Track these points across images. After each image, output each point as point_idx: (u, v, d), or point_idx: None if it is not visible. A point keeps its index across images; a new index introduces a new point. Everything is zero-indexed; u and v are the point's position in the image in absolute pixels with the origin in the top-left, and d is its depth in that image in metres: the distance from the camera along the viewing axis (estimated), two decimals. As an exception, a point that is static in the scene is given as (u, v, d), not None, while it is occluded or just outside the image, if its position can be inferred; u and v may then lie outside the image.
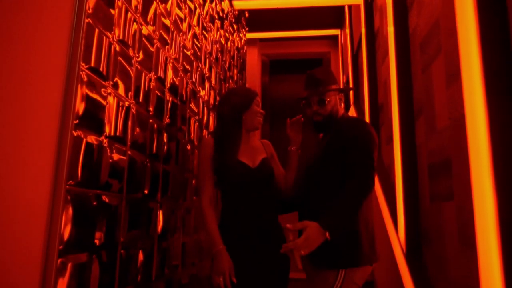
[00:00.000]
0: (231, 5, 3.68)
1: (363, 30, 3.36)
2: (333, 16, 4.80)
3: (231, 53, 3.70)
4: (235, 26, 3.94)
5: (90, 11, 1.27)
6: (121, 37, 1.48)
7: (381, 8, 3.00)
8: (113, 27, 1.42)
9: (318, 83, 1.76)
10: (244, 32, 4.53)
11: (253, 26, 4.65)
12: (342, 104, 1.91)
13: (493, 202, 1.21)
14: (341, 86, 5.35)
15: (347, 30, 4.78)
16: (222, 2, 3.35)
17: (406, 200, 2.05)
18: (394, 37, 2.19)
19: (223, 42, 3.34)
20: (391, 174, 2.60)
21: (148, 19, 1.74)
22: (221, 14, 3.29)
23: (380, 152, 2.94)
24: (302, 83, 1.86)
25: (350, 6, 4.27)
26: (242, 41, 4.41)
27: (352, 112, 4.03)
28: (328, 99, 1.75)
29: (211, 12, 2.95)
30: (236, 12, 3.92)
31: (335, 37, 5.52)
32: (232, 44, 3.73)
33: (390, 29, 2.22)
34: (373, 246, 1.62)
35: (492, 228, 1.19)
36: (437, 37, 1.77)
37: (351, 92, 4.46)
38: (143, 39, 1.68)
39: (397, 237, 2.17)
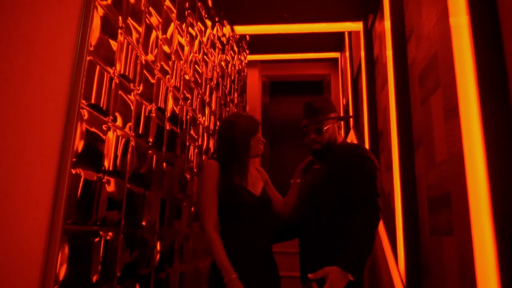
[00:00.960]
0: (233, 30, 3.73)
1: (362, 57, 3.40)
2: (333, 40, 4.85)
3: (232, 77, 3.73)
4: (236, 49, 3.99)
5: (91, 49, 1.28)
6: (122, 72, 1.49)
7: (380, 36, 3.04)
8: (115, 62, 1.44)
9: (316, 112, 1.80)
10: (245, 55, 4.58)
11: (254, 49, 4.70)
12: (341, 132, 1.93)
13: (492, 239, 1.20)
14: (341, 109, 5.42)
15: (347, 53, 4.83)
16: (224, 28, 3.39)
17: (406, 231, 2.04)
18: (393, 68, 2.21)
19: (223, 65, 3.37)
20: (391, 202, 2.59)
21: (149, 50, 1.76)
22: (222, 39, 3.33)
23: (381, 178, 2.93)
24: (302, 111, 1.89)
25: (350, 32, 4.32)
26: (243, 63, 4.46)
27: (352, 136, 4.04)
28: (325, 128, 1.78)
29: (212, 38, 2.99)
30: (238, 37, 3.97)
31: (335, 60, 5.57)
32: (233, 68, 3.77)
33: (389, 60, 2.24)
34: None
35: (492, 265, 1.19)
36: (436, 72, 1.79)
37: (351, 113, 4.48)
38: (144, 70, 1.69)
39: (397, 269, 2.14)
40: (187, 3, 2.33)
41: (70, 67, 1.21)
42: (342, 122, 1.93)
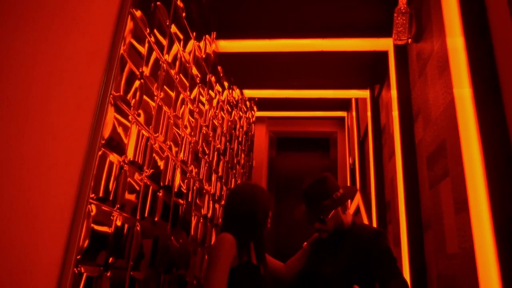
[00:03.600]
0: (242, 93, 3.81)
1: (369, 124, 3.43)
2: (340, 100, 4.93)
3: (240, 138, 3.77)
4: (245, 109, 4.06)
5: (103, 142, 1.30)
6: (132, 158, 1.51)
7: (387, 105, 3.08)
8: (125, 151, 1.46)
9: (316, 201, 1.79)
10: (253, 113, 4.65)
11: (262, 106, 4.79)
12: (348, 211, 1.90)
13: None
14: (347, 169, 5.40)
15: (354, 113, 4.89)
16: (233, 92, 3.47)
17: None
18: (401, 148, 2.22)
19: (231, 128, 3.41)
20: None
21: (159, 130, 1.79)
22: (231, 102, 3.39)
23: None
24: (301, 195, 1.89)
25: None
26: (251, 121, 4.52)
27: (358, 200, 3.99)
28: (329, 217, 1.77)
29: (222, 104, 3.05)
30: (246, 99, 4.05)
31: (341, 118, 5.63)
32: (240, 129, 3.81)
33: (397, 139, 2.25)
34: None
35: None
36: (445, 160, 1.78)
37: (357, 173, 4.45)
38: (154, 154, 1.71)
39: None
40: (198, 78, 2.40)
41: (81, 162, 1.22)
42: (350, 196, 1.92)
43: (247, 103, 4.21)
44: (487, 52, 1.46)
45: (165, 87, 1.86)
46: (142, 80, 1.59)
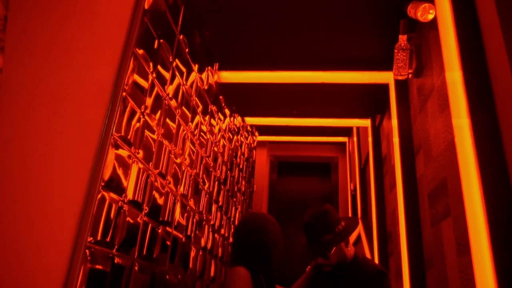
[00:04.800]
0: (243, 120, 3.83)
1: (370, 153, 3.42)
2: (341, 126, 4.94)
3: (241, 166, 3.77)
4: (246, 135, 4.07)
5: (103, 184, 1.30)
6: (131, 198, 1.50)
7: (388, 136, 3.08)
8: (125, 191, 1.45)
9: (317, 237, 1.77)
10: (254, 138, 4.66)
11: (263, 131, 4.81)
12: (349, 245, 1.88)
13: None
14: (349, 194, 5.37)
15: (355, 139, 4.90)
16: (235, 119, 3.48)
17: None
18: (402, 181, 2.21)
19: (232, 155, 3.41)
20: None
21: (160, 167, 1.79)
22: (233, 130, 3.40)
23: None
24: (302, 229, 1.88)
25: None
26: (252, 146, 4.52)
27: (359, 227, 3.95)
28: (331, 252, 1.75)
29: (223, 133, 3.06)
30: (248, 126, 4.07)
31: (343, 144, 5.64)
32: (242, 156, 3.81)
33: (398, 174, 2.24)
34: None
35: None
36: (446, 199, 1.77)
37: (359, 201, 4.42)
38: (154, 191, 1.71)
39: None
40: (199, 109, 2.41)
41: (81, 202, 1.21)
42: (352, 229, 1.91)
43: (249, 128, 4.23)
44: (485, 88, 1.47)
45: (167, 120, 1.87)
46: (143, 118, 1.60)
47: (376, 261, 2.98)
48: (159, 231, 1.78)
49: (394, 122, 2.47)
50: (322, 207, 1.83)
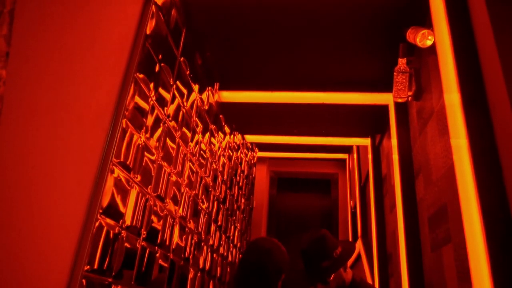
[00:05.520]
0: (243, 138, 3.83)
1: (370, 172, 3.41)
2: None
3: (240, 183, 3.75)
4: (246, 152, 4.07)
5: (101, 211, 1.29)
6: (129, 223, 1.49)
7: (387, 155, 3.08)
8: (124, 216, 1.44)
9: (315, 264, 1.76)
10: (254, 155, 4.66)
11: (263, 147, 4.81)
12: (347, 269, 1.87)
13: None
14: (349, 211, 5.35)
15: (355, 155, 4.89)
16: (235, 137, 3.49)
17: None
18: (402, 204, 2.20)
19: (231, 173, 3.40)
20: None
21: (159, 190, 1.79)
22: (232, 148, 3.40)
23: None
24: (299, 254, 1.87)
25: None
26: (252, 162, 4.51)
27: (359, 247, 3.92)
28: (330, 279, 1.74)
29: (223, 152, 3.06)
30: (248, 143, 4.07)
31: (343, 160, 5.63)
32: (241, 174, 3.80)
33: (399, 199, 2.23)
34: None
35: None
36: (446, 225, 1.76)
37: (359, 219, 4.40)
38: (152, 215, 1.70)
39: None
40: (200, 129, 2.41)
41: (79, 229, 1.21)
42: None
43: (249, 145, 4.23)
44: (483, 112, 1.48)
45: (167, 141, 1.87)
46: (143, 143, 1.60)
47: (376, 282, 2.95)
48: (157, 255, 1.77)
49: (394, 143, 2.47)
50: (319, 232, 1.82)
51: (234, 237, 3.45)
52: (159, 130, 1.78)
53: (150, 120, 1.67)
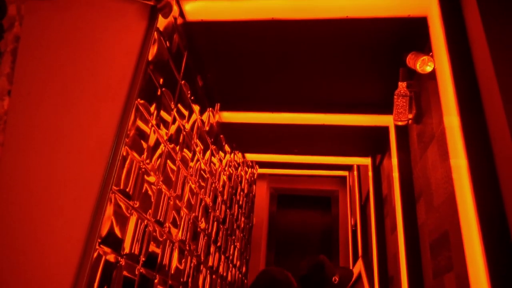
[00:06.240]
0: (244, 156, 3.83)
1: (371, 192, 3.40)
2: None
3: (240, 202, 3.74)
4: (247, 169, 4.06)
5: (100, 240, 1.28)
6: (127, 251, 1.48)
7: (388, 176, 3.07)
8: (123, 244, 1.43)
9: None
10: (254, 172, 4.64)
11: (263, 165, 4.80)
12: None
13: None
14: (349, 229, 5.31)
15: (355, 173, 4.88)
16: (235, 156, 3.48)
17: None
18: (403, 228, 2.18)
19: (231, 192, 3.39)
20: None
21: (158, 215, 1.78)
22: (233, 167, 3.40)
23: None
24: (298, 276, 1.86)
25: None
26: (252, 179, 4.50)
27: (360, 267, 3.88)
28: None
29: (223, 173, 3.05)
30: (248, 161, 4.07)
31: (343, 177, 5.62)
32: (241, 192, 3.79)
33: (400, 223, 2.22)
34: None
35: None
36: (448, 253, 1.74)
37: (359, 238, 4.36)
38: (151, 241, 1.68)
39: None
40: (200, 150, 2.41)
41: (80, 254, 1.20)
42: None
43: (249, 163, 4.22)
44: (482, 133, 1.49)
45: (167, 164, 1.86)
46: (143, 169, 1.59)
47: (378, 305, 2.92)
48: (156, 281, 1.75)
49: (395, 163, 2.47)
50: (317, 258, 1.85)
51: (234, 257, 3.42)
52: (160, 154, 1.78)
53: (150, 144, 1.67)
